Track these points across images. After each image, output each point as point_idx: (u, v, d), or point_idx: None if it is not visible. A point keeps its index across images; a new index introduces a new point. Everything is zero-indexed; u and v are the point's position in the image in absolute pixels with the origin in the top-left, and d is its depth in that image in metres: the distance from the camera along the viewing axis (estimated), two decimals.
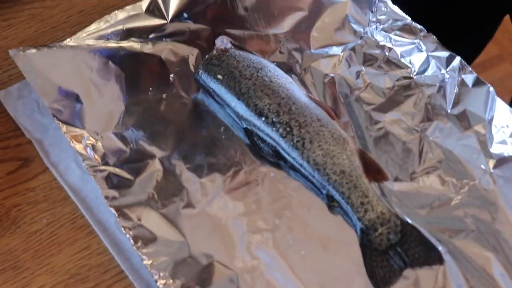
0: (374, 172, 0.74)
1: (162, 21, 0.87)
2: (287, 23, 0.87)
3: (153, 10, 0.87)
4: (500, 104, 0.77)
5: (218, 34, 0.84)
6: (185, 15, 0.87)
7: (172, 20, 0.87)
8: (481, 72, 0.78)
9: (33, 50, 0.82)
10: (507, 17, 1.11)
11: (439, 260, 0.68)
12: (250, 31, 0.86)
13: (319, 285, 0.68)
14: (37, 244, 0.72)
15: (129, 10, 0.87)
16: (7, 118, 0.81)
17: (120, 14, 0.86)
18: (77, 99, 0.79)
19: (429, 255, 0.69)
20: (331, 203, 0.72)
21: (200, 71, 0.80)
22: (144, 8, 0.87)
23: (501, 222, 0.71)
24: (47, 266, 0.71)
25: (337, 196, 0.72)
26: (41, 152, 0.78)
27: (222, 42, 0.82)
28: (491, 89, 0.78)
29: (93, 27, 0.86)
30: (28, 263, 0.71)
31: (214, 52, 0.81)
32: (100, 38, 0.85)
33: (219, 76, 0.79)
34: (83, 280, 0.70)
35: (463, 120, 0.77)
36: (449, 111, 0.78)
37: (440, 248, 0.69)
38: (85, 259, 0.71)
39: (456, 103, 0.79)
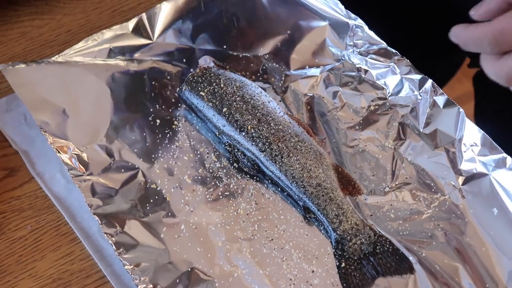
0: (349, 186, 0.77)
1: (147, 41, 0.90)
2: (269, 45, 0.91)
3: (139, 30, 0.90)
4: (469, 124, 0.80)
5: (202, 53, 0.88)
6: (170, 35, 0.90)
7: (157, 40, 0.90)
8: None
9: (22, 65, 0.85)
10: None
11: (409, 269, 0.71)
12: (232, 52, 0.90)
13: None
14: (21, 249, 0.74)
15: (116, 30, 0.90)
16: None
17: (107, 33, 0.90)
18: (64, 112, 0.82)
19: (400, 265, 0.72)
20: (307, 215, 0.75)
21: (184, 88, 0.83)
22: (130, 28, 0.90)
23: (469, 235, 0.74)
24: (30, 270, 0.72)
25: (313, 208, 0.75)
26: (27, 163, 0.80)
27: (205, 61, 0.86)
28: (461, 110, 0.81)
29: (80, 45, 0.88)
30: (12, 267, 0.73)
31: (198, 70, 0.84)
32: (87, 55, 0.88)
33: (202, 93, 0.82)
34: (65, 285, 0.72)
35: (434, 138, 0.81)
36: (421, 130, 0.82)
37: (410, 258, 0.72)
38: (67, 265, 0.73)
39: (428, 123, 0.82)
